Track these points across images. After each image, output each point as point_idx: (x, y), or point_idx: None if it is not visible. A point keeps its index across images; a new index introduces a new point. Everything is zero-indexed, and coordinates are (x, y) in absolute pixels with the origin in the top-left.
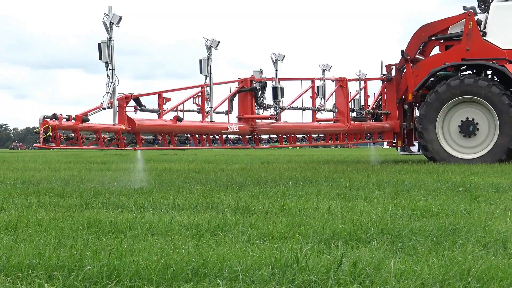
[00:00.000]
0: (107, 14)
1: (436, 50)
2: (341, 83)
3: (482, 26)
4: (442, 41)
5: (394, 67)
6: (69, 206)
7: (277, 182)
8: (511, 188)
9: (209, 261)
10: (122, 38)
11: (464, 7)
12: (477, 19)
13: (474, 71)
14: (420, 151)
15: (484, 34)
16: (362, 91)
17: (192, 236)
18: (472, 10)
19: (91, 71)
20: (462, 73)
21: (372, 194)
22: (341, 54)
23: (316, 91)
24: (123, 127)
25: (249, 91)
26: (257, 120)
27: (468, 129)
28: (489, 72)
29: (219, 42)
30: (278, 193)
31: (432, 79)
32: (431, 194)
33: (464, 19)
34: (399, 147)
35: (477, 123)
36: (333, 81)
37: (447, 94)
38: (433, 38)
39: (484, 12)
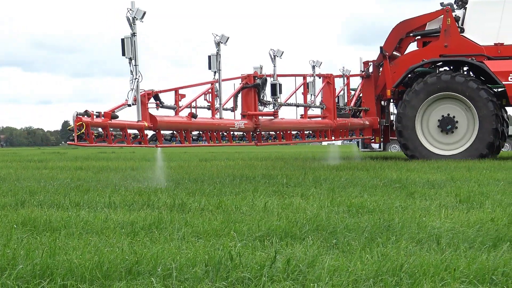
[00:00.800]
0: (130, 9)
1: (412, 47)
2: (328, 80)
3: (460, 22)
4: (419, 37)
5: (371, 63)
6: (4, 204)
7: (214, 180)
8: (446, 185)
9: (143, 259)
10: (60, 35)
11: (442, 4)
12: (455, 15)
13: (451, 67)
14: (380, 148)
15: (462, 30)
16: (346, 88)
17: (127, 234)
18: (449, 7)
19: (28, 69)
20: (440, 70)
21: (308, 191)
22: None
23: (307, 87)
24: (146, 124)
25: (253, 87)
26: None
27: (447, 125)
28: (465, 68)
29: (228, 38)
30: (215, 190)
31: (409, 75)
32: (367, 190)
33: (442, 16)
34: (360, 144)
35: (456, 119)
36: (319, 78)
37: (424, 92)
38: (411, 34)
39: (461, 8)
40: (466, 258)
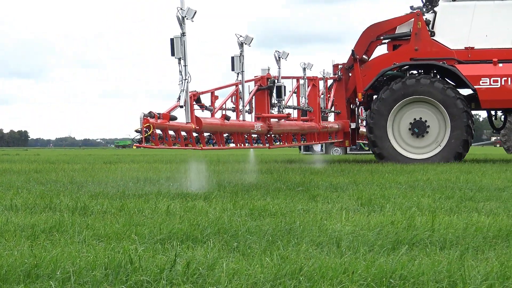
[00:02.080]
0: (180, 9)
1: (380, 50)
2: (314, 82)
3: (430, 26)
4: (389, 40)
5: (341, 66)
6: None
7: (118, 182)
8: (348, 188)
9: (42, 262)
10: None
11: (412, 7)
12: (426, 19)
13: (421, 71)
14: (322, 151)
15: (433, 34)
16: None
17: (27, 237)
18: (419, 10)
19: None
20: (411, 73)
21: (212, 194)
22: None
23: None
24: (193, 126)
25: (267, 89)
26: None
27: (418, 129)
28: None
29: (252, 39)
30: (118, 193)
31: (379, 79)
32: (270, 193)
33: (413, 19)
34: (302, 147)
35: (427, 122)
36: (305, 80)
37: (392, 98)
38: (381, 37)
39: (429, 12)
40: (365, 261)
